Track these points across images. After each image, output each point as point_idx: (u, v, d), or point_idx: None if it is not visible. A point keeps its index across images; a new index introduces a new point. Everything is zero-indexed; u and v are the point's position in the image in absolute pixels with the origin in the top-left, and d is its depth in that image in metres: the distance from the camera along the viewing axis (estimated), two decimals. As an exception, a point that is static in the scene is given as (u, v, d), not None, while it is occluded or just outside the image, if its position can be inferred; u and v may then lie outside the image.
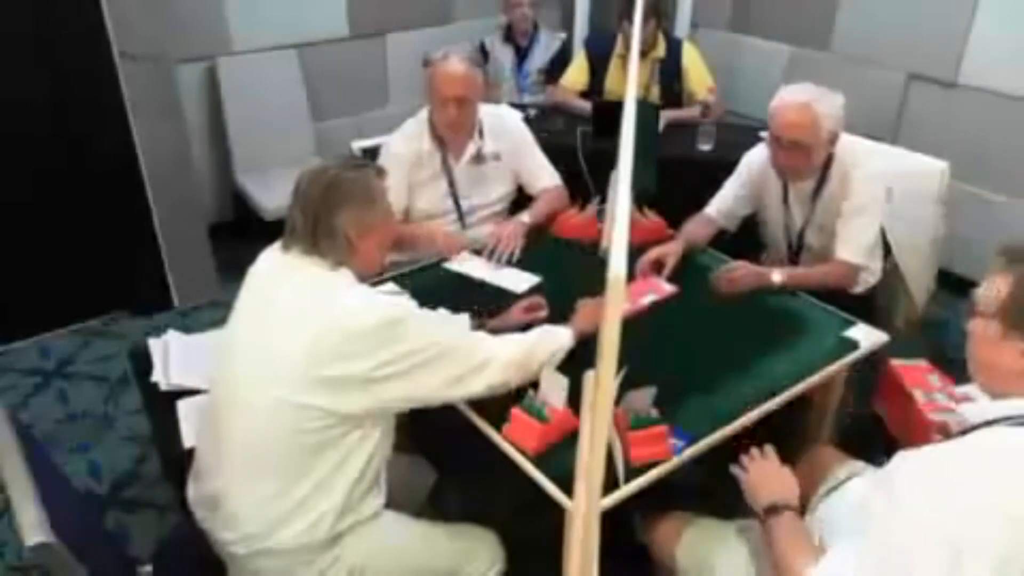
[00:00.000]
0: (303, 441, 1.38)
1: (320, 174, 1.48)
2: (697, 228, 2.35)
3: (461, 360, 1.49)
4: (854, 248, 2.14)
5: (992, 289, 1.14)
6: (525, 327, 1.76)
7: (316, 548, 1.43)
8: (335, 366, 1.36)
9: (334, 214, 1.44)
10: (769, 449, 1.53)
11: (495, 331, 1.77)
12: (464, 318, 1.83)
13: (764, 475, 1.46)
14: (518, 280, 2.18)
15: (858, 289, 2.25)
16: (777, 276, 2.10)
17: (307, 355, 1.36)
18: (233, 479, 1.44)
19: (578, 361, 1.63)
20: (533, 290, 2.12)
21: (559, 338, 1.69)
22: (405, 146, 2.34)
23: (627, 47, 3.38)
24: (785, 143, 2.09)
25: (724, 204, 2.39)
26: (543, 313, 1.88)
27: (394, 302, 1.47)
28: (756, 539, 1.47)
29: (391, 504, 1.58)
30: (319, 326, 1.37)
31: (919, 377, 2.06)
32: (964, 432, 1.15)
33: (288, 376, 1.37)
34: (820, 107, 2.04)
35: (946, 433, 1.42)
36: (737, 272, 2.09)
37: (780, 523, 1.35)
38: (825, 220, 2.22)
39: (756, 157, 2.34)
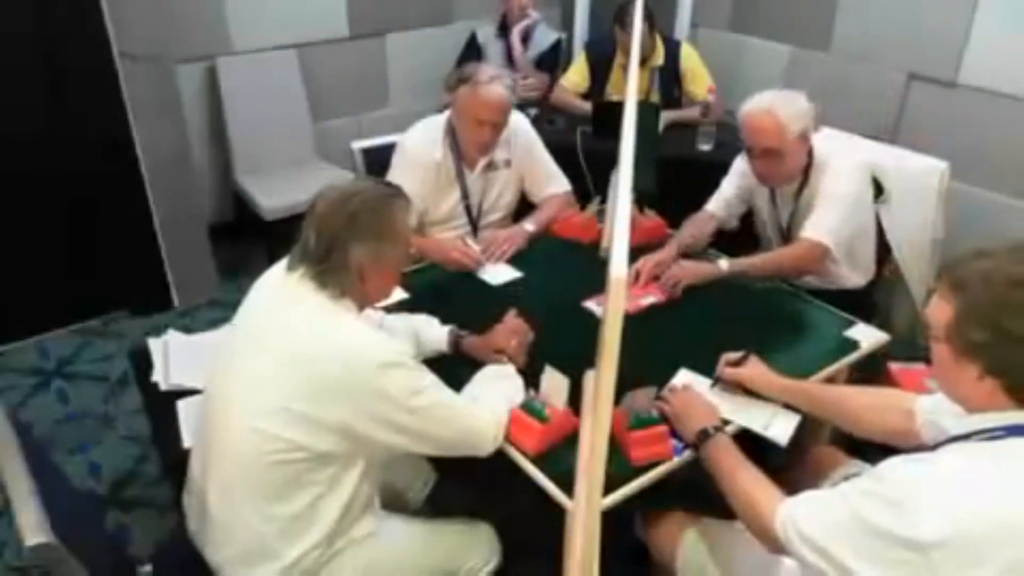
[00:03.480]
0: (284, 471, 1.34)
1: (344, 201, 1.39)
2: (695, 228, 2.34)
3: (450, 426, 1.43)
4: (815, 226, 2.11)
5: (937, 312, 1.10)
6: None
7: (311, 570, 1.40)
8: (319, 405, 1.31)
9: (351, 246, 1.37)
10: (689, 382, 1.69)
11: (471, 348, 1.77)
12: (442, 334, 1.79)
13: (688, 405, 1.56)
14: (497, 274, 2.19)
15: (846, 285, 2.28)
16: (724, 264, 2.14)
17: (295, 389, 1.32)
18: (216, 499, 1.41)
19: (578, 361, 1.63)
20: (512, 286, 2.12)
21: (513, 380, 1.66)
22: (422, 152, 2.31)
23: (626, 55, 3.38)
24: (757, 152, 2.12)
25: (721, 200, 2.39)
26: (527, 338, 1.77)
27: (392, 349, 1.38)
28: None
29: (390, 504, 1.58)
30: (311, 362, 1.32)
31: (917, 381, 2.05)
32: (940, 443, 1.13)
33: (273, 406, 1.32)
34: (781, 110, 2.05)
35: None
36: (675, 270, 2.10)
37: (715, 446, 1.43)
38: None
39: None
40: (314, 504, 1.37)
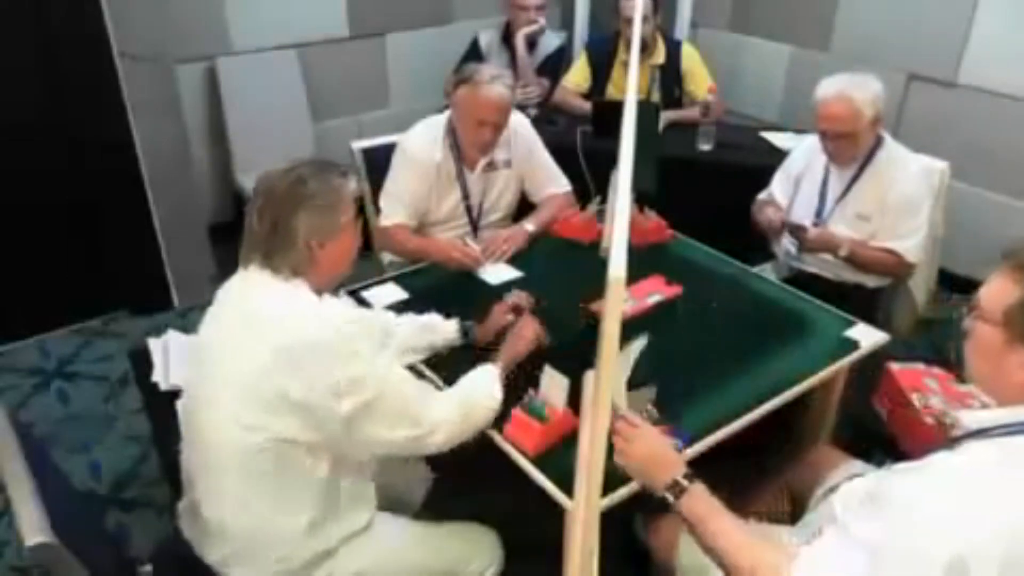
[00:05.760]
0: (261, 461, 1.33)
1: (281, 176, 1.37)
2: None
3: (405, 414, 1.39)
4: (910, 246, 2.22)
5: (997, 294, 1.06)
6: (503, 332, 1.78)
7: (306, 566, 1.41)
8: (279, 385, 1.29)
9: (294, 218, 1.34)
10: (631, 416, 1.35)
11: (483, 340, 1.81)
12: (452, 324, 1.83)
13: (648, 451, 1.30)
14: (497, 274, 2.20)
15: (868, 283, 2.34)
16: (844, 250, 2.23)
17: (255, 374, 1.30)
18: (206, 493, 1.42)
19: (578, 361, 1.63)
20: (511, 285, 2.12)
21: (491, 376, 1.59)
22: (422, 152, 2.31)
23: (628, 49, 3.37)
24: (831, 135, 2.19)
25: (767, 195, 2.53)
26: (524, 309, 1.88)
27: (348, 317, 1.38)
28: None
29: (388, 506, 1.57)
30: (267, 345, 1.30)
31: (917, 381, 2.05)
32: (958, 439, 1.11)
33: (240, 395, 1.32)
34: (857, 94, 2.13)
35: (944, 433, 1.39)
36: (810, 233, 2.26)
37: (693, 501, 1.21)
38: (860, 206, 2.27)
39: (803, 145, 2.47)
40: (302, 490, 1.37)
